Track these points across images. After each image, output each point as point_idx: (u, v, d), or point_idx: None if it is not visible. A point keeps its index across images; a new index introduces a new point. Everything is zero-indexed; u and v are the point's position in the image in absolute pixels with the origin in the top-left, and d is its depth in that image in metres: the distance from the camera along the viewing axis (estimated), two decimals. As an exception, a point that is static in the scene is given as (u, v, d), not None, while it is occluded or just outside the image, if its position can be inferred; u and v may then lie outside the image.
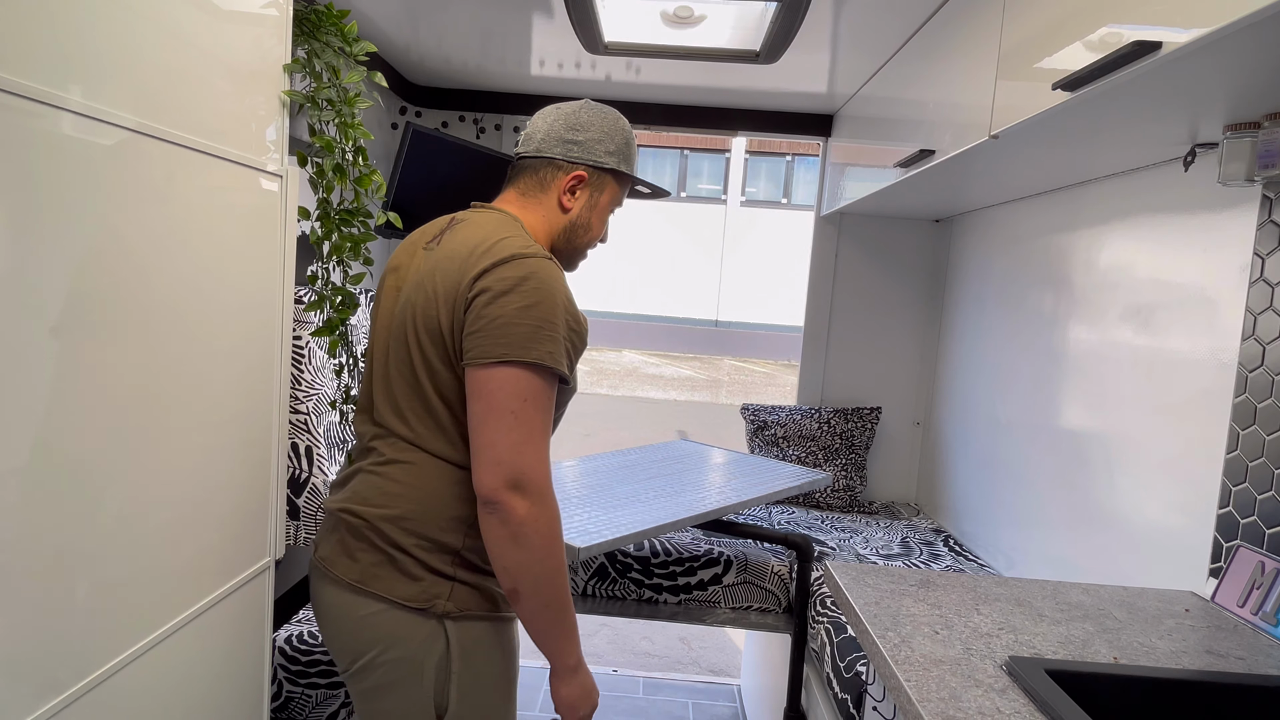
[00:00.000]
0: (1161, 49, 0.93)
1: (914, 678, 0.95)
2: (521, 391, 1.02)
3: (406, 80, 2.62)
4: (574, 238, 1.23)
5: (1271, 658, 1.08)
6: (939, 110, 1.66)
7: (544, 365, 1.03)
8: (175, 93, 1.00)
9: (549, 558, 1.03)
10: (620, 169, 1.23)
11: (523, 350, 1.02)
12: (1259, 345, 1.25)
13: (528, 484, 1.01)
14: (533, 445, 1.02)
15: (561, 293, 1.06)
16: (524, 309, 1.03)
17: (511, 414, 1.01)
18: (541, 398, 1.03)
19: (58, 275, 0.83)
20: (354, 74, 1.25)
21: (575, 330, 1.09)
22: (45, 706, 0.85)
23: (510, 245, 1.07)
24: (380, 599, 1.08)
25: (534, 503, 1.01)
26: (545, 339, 1.03)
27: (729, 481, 2.06)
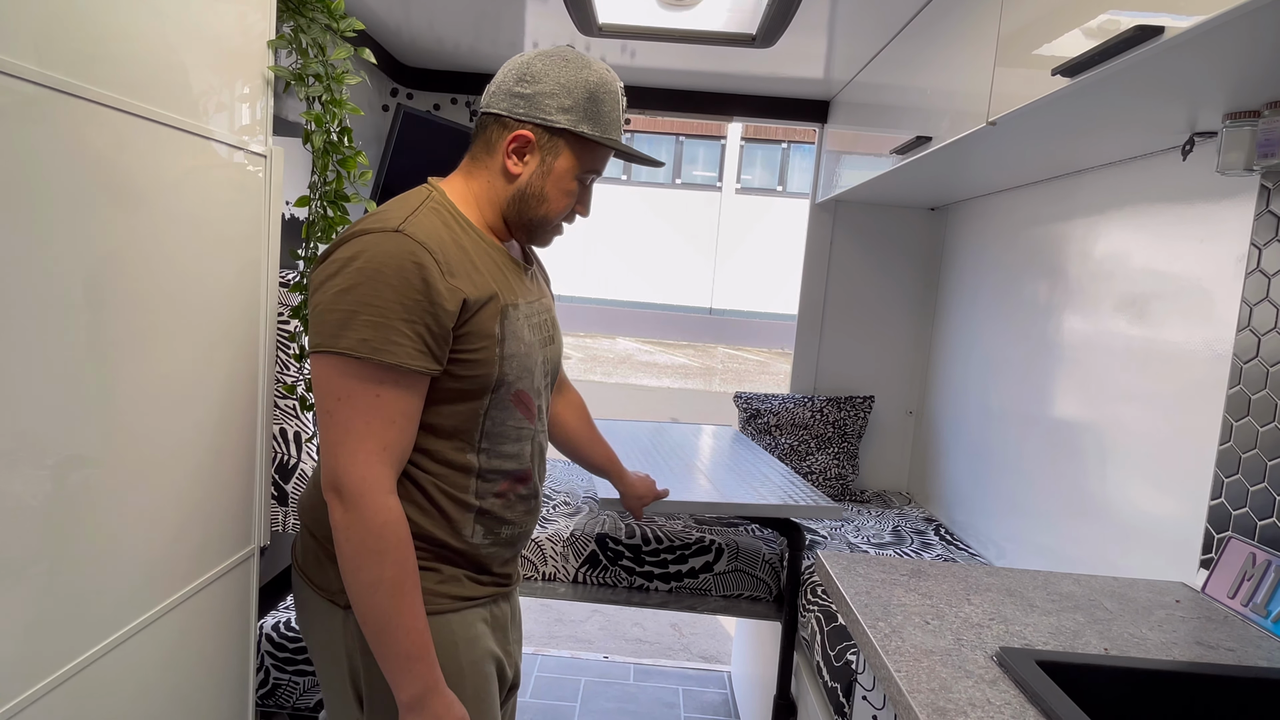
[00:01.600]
0: (1164, 34, 0.91)
1: (904, 668, 0.95)
2: (334, 389, 0.93)
3: (398, 61, 2.58)
4: (525, 209, 1.07)
5: (1261, 649, 1.08)
6: (936, 97, 1.65)
7: (356, 356, 0.91)
8: (155, 69, 0.97)
9: (359, 570, 0.94)
10: (579, 130, 1.04)
11: (332, 339, 0.92)
12: (1254, 336, 1.25)
13: (342, 488, 0.93)
14: (347, 447, 0.93)
15: (401, 270, 0.92)
16: (341, 293, 0.92)
17: (328, 414, 0.94)
18: (362, 394, 0.92)
19: (31, 257, 0.81)
20: (341, 50, 1.22)
21: (433, 313, 0.94)
22: (24, 694, 0.84)
23: (364, 222, 0.98)
24: (307, 583, 1.08)
25: (348, 509, 0.93)
26: (361, 325, 0.91)
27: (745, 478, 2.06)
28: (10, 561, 0.81)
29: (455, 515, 1.05)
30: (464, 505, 1.05)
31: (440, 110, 2.69)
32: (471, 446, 1.04)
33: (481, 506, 1.07)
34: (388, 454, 0.95)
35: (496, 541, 1.10)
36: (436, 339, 0.95)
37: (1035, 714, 0.86)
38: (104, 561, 0.95)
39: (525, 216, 1.08)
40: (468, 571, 1.08)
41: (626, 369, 12.19)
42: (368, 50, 1.29)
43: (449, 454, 1.03)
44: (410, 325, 0.93)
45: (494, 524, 1.09)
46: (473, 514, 1.06)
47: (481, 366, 1.00)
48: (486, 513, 1.08)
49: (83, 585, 0.92)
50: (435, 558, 1.05)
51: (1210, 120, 1.28)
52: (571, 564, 2.03)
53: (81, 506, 0.91)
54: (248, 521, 1.29)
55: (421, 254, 0.94)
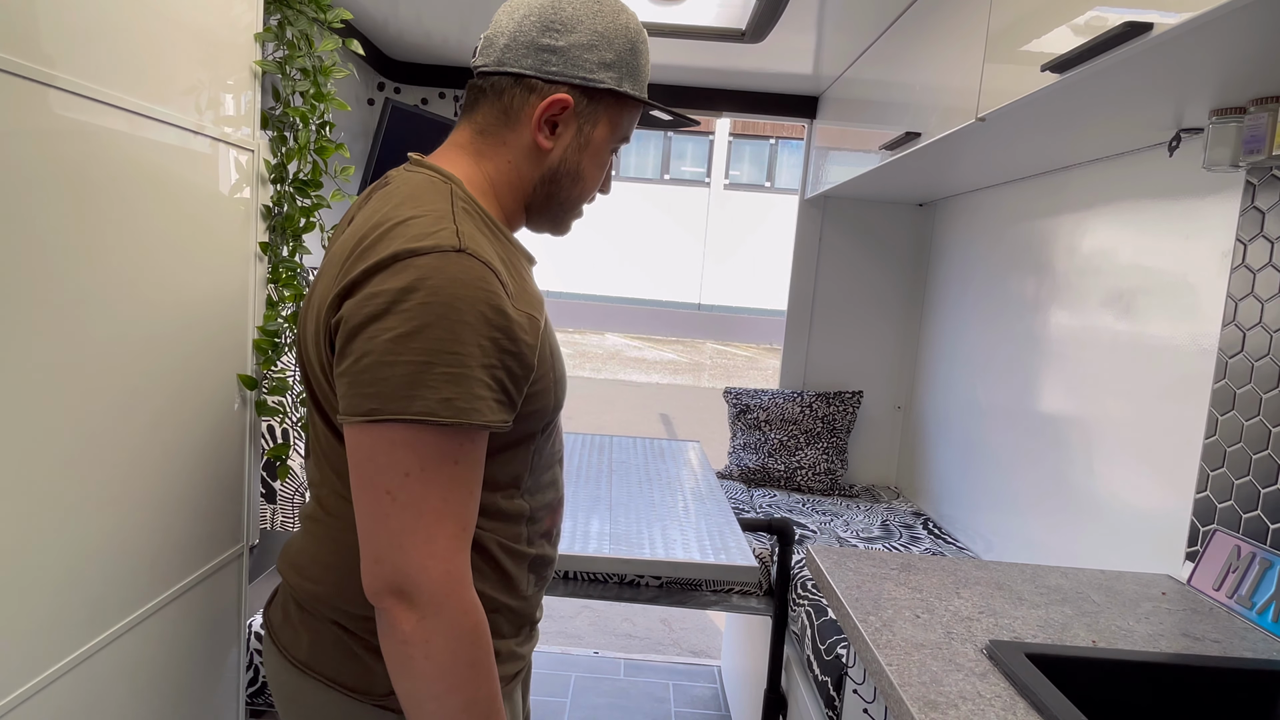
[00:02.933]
0: (1153, 30, 0.92)
1: (896, 661, 0.95)
2: (401, 463, 0.71)
3: (385, 55, 2.56)
4: (557, 190, 0.88)
5: (1247, 641, 1.09)
6: (925, 93, 1.65)
7: (438, 422, 0.70)
8: (140, 62, 0.96)
9: (448, 695, 0.73)
10: (623, 89, 0.85)
11: (399, 402, 0.70)
12: (1239, 331, 1.26)
13: (415, 590, 0.71)
14: (422, 536, 0.71)
15: (474, 303, 0.72)
16: (402, 338, 0.70)
17: (388, 495, 0.71)
18: (439, 467, 0.72)
19: (12, 252, 0.79)
20: (328, 42, 1.21)
21: (514, 352, 0.75)
22: (15, 692, 0.83)
23: (400, 235, 0.74)
24: (330, 685, 0.84)
25: (425, 615, 0.71)
26: (438, 380, 0.70)
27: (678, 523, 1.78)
28: (0, 560, 0.80)
29: (513, 570, 0.87)
30: (519, 556, 0.88)
31: (428, 104, 2.67)
32: (520, 489, 0.86)
33: (534, 554, 0.90)
34: (466, 537, 0.75)
35: (540, 585, 0.94)
36: (517, 383, 0.77)
37: (1025, 706, 0.87)
38: (93, 560, 0.94)
39: (555, 200, 0.89)
40: (515, 638, 0.91)
41: (615, 365, 12.19)
42: (355, 41, 1.28)
43: (501, 503, 0.84)
44: (490, 372, 0.73)
45: (543, 567, 0.93)
46: (526, 563, 0.89)
47: (542, 398, 0.83)
48: (539, 558, 0.91)
49: (72, 583, 0.91)
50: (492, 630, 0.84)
51: (1197, 117, 1.29)
52: (562, 560, 2.02)
53: (71, 505, 0.90)
54: (237, 520, 1.28)
55: (491, 280, 0.74)
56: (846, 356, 2.79)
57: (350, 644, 0.84)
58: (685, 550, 1.58)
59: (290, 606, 0.88)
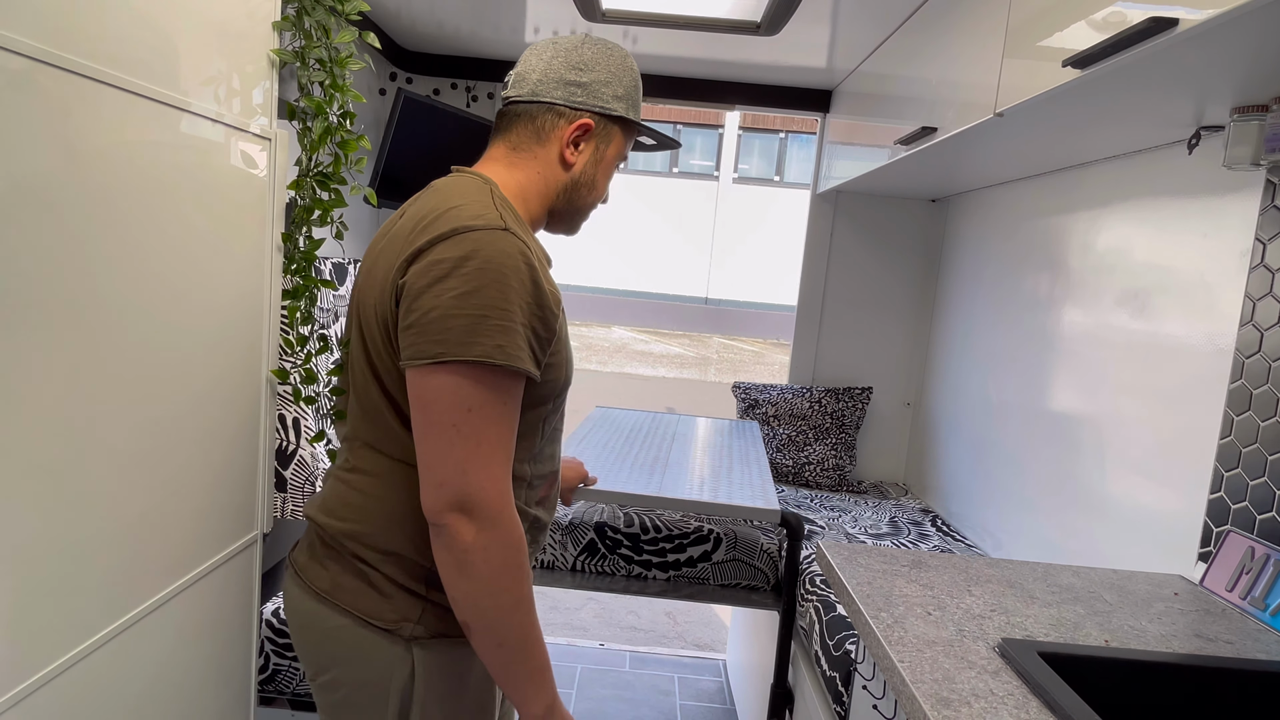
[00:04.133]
0: (1178, 26, 0.91)
1: (908, 659, 0.95)
2: (464, 399, 0.86)
3: (398, 45, 2.56)
4: (576, 198, 1.07)
5: (1259, 642, 1.09)
6: (942, 87, 1.64)
7: (492, 364, 0.86)
8: (159, 49, 0.96)
9: (502, 591, 0.88)
10: (629, 117, 1.07)
11: (462, 347, 0.85)
12: (1257, 331, 1.25)
13: (475, 506, 0.86)
14: (481, 462, 0.87)
15: (517, 271, 0.88)
16: (463, 296, 0.86)
17: (453, 427, 0.86)
18: (493, 404, 0.87)
19: (27, 241, 0.80)
20: (345, 33, 1.21)
21: (541, 316, 0.91)
22: (29, 680, 0.84)
23: (456, 216, 0.90)
24: (347, 613, 0.97)
25: (483, 527, 0.86)
26: (492, 330, 0.86)
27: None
28: (14, 548, 0.81)
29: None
30: (525, 515, 1.01)
31: (440, 95, 2.67)
32: (529, 455, 1.01)
33: (534, 515, 1.03)
34: (510, 466, 0.91)
35: (535, 548, 1.07)
36: (542, 344, 0.93)
37: (1038, 705, 0.86)
38: (108, 547, 0.95)
39: (575, 204, 1.08)
40: None
41: (622, 358, 12.18)
42: (373, 35, 1.27)
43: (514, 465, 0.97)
44: (527, 329, 0.89)
45: (538, 533, 1.06)
46: (527, 523, 1.02)
47: (555, 370, 0.98)
48: (536, 521, 1.04)
49: (86, 572, 0.92)
50: None
51: (1218, 114, 1.27)
52: (570, 552, 2.03)
53: (84, 494, 0.90)
54: (250, 508, 1.29)
55: (529, 254, 0.90)
56: (856, 352, 2.78)
57: (370, 576, 0.97)
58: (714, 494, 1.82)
59: (316, 545, 1.01)
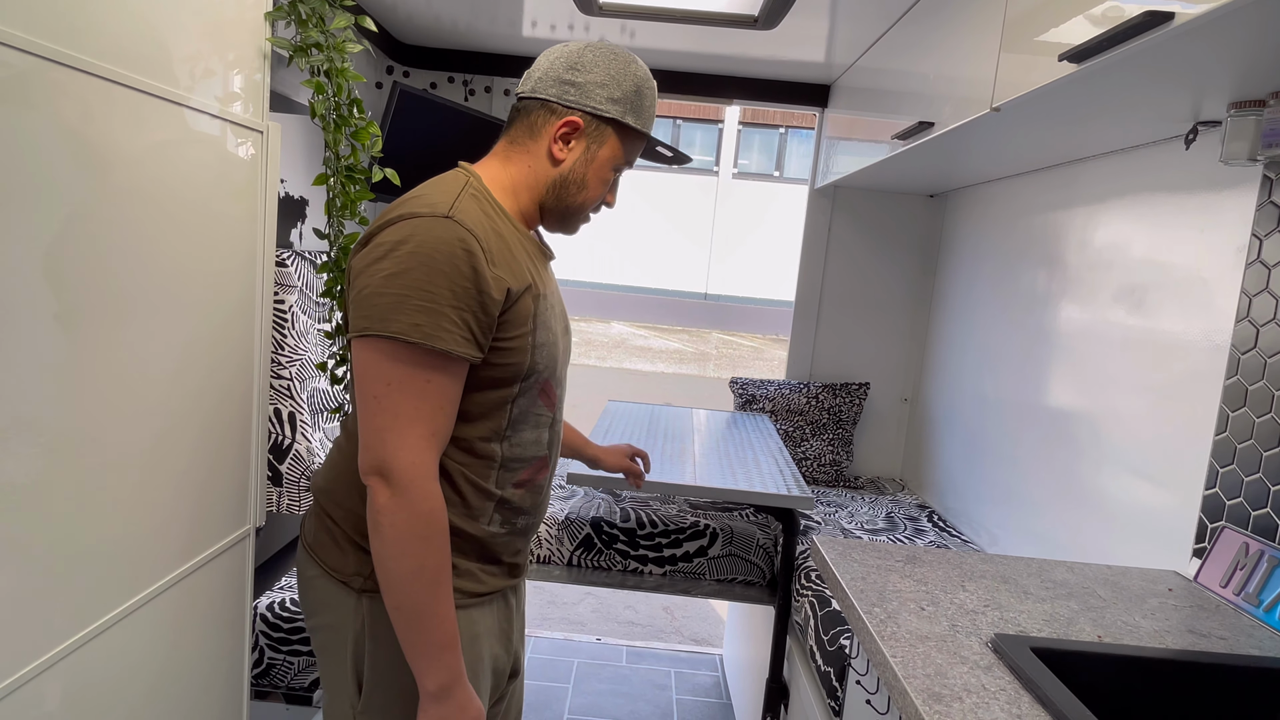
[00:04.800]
0: (1174, 20, 0.90)
1: (900, 654, 0.95)
2: (383, 373, 0.92)
3: (394, 39, 2.55)
4: (564, 195, 1.09)
5: (1253, 638, 1.09)
6: (939, 82, 1.63)
7: (408, 341, 0.90)
8: (149, 40, 0.95)
9: (403, 556, 0.93)
10: (625, 120, 1.07)
11: (382, 323, 0.90)
12: (1253, 327, 1.25)
13: (390, 472, 0.92)
14: (397, 433, 0.92)
15: (451, 257, 0.92)
16: (391, 277, 0.91)
17: (374, 398, 0.92)
18: (411, 379, 0.92)
19: (18, 236, 0.79)
20: (341, 18, 1.20)
21: (480, 301, 0.94)
22: (20, 672, 0.84)
23: (409, 205, 0.96)
24: (317, 564, 1.06)
25: (395, 493, 0.92)
26: (412, 310, 0.90)
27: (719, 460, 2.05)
28: (6, 540, 0.81)
29: (476, 503, 1.04)
30: (485, 494, 1.05)
31: (437, 88, 2.66)
32: (497, 435, 1.04)
33: (502, 496, 1.06)
34: (435, 440, 0.95)
35: (512, 531, 1.10)
36: (482, 327, 0.96)
37: (1030, 700, 0.86)
38: (100, 540, 0.95)
39: (563, 203, 1.09)
40: (481, 565, 1.08)
41: (621, 353, 12.18)
42: (368, 18, 1.27)
43: (475, 443, 1.02)
44: (459, 312, 0.93)
45: (512, 514, 1.09)
46: (493, 503, 1.06)
47: (515, 355, 1.01)
48: (506, 502, 1.07)
49: (78, 564, 0.92)
50: (453, 549, 1.04)
51: (1215, 109, 1.27)
52: (566, 547, 2.03)
53: (77, 486, 0.90)
54: (243, 502, 1.28)
55: (470, 241, 0.94)
56: (854, 348, 2.78)
57: (332, 529, 1.06)
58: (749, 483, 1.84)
59: (312, 503, 1.12)
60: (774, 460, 2.06)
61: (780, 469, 1.99)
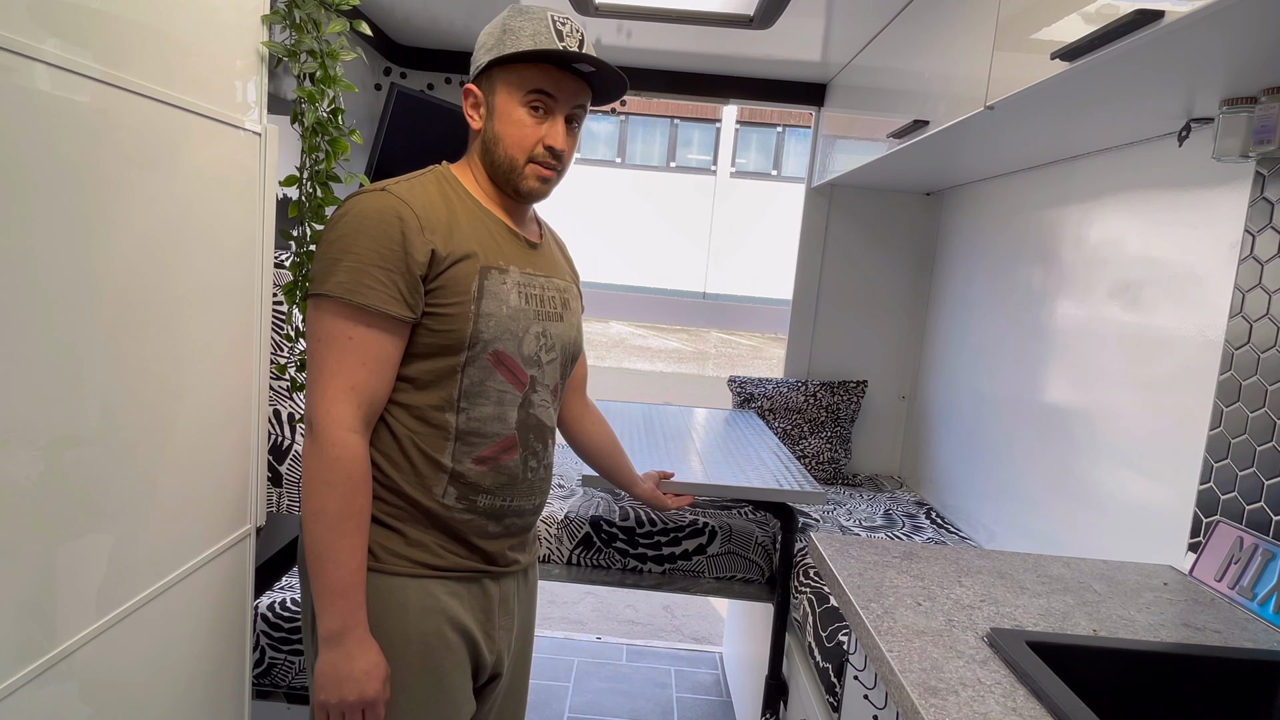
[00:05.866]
0: (1164, 18, 0.91)
1: (897, 648, 0.96)
2: (316, 329, 1.00)
3: (391, 40, 2.55)
4: (492, 158, 1.11)
5: (1247, 631, 1.09)
6: (934, 81, 1.64)
7: (333, 297, 0.98)
8: (147, 43, 0.96)
9: (310, 498, 0.99)
10: (493, 56, 1.07)
11: (317, 283, 0.99)
12: (1246, 322, 1.26)
13: (310, 422, 0.99)
14: (319, 385, 0.99)
15: (381, 222, 0.99)
16: (328, 243, 1.00)
17: (310, 354, 1.01)
18: (337, 335, 0.99)
19: (20, 236, 0.80)
20: (336, 23, 1.21)
21: (407, 263, 1.00)
22: (21, 673, 0.84)
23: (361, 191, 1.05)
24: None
25: (311, 440, 0.99)
26: (341, 270, 0.98)
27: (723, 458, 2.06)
28: (6, 542, 0.81)
29: (427, 472, 1.06)
30: (437, 465, 1.06)
31: (434, 90, 2.66)
32: (449, 405, 1.06)
33: (456, 469, 1.07)
34: (354, 394, 1.00)
35: (472, 509, 1.09)
36: (409, 287, 1.01)
37: (1025, 693, 0.87)
38: (101, 541, 0.95)
39: (496, 167, 1.11)
40: (439, 539, 1.08)
41: (620, 353, 12.18)
42: (364, 23, 1.27)
43: (427, 411, 1.05)
44: (385, 272, 0.99)
45: (469, 490, 1.08)
46: (446, 475, 1.07)
47: (455, 321, 1.04)
48: (461, 476, 1.07)
49: (79, 565, 0.92)
50: (406, 518, 1.07)
51: (1207, 106, 1.28)
52: (566, 546, 2.03)
53: (78, 487, 0.90)
54: (244, 502, 1.29)
55: (402, 208, 1.01)
56: (851, 346, 2.78)
57: None
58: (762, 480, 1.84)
59: None
60: (776, 457, 2.07)
61: (785, 465, 1.99)
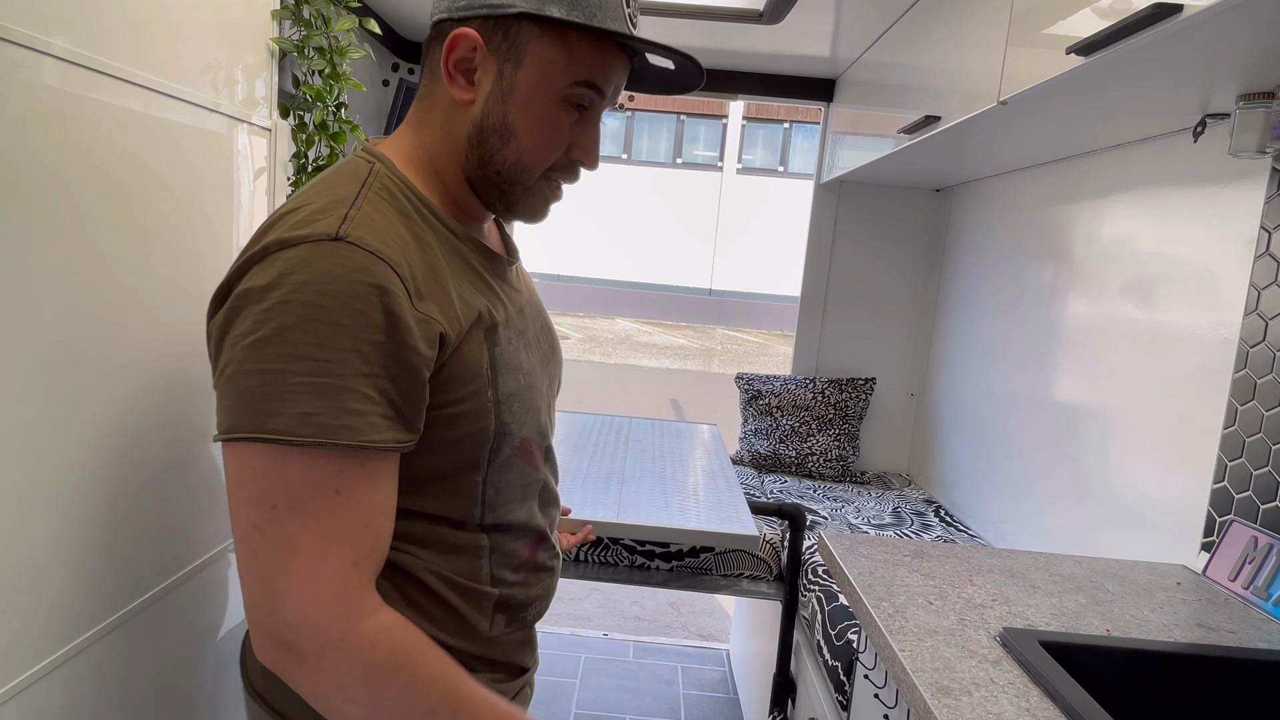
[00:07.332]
0: (1182, 11, 0.90)
1: (908, 648, 0.95)
2: (267, 492, 0.60)
3: (399, 36, 2.55)
4: (486, 155, 0.72)
5: (1262, 632, 1.09)
6: (946, 76, 1.63)
7: (296, 442, 0.59)
8: (158, 39, 0.96)
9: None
10: (546, 12, 0.67)
11: (253, 418, 0.59)
12: (1261, 320, 1.24)
13: (299, 641, 0.61)
14: (297, 579, 0.60)
15: (350, 298, 0.60)
16: (259, 343, 0.59)
17: (255, 528, 0.61)
18: (312, 496, 0.60)
19: (31, 232, 0.80)
20: (345, 20, 1.20)
21: (400, 359, 0.62)
22: (22, 676, 0.84)
23: (280, 227, 0.64)
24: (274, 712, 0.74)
25: (319, 667, 0.61)
26: (297, 393, 0.59)
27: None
28: (8, 547, 0.81)
29: (469, 611, 0.76)
30: (479, 595, 0.77)
31: (442, 86, 2.66)
32: (472, 521, 0.75)
33: (498, 594, 0.78)
34: (366, 565, 0.63)
35: (521, 627, 0.83)
36: (409, 398, 0.64)
37: (1038, 693, 0.87)
38: (100, 545, 0.95)
39: (490, 167, 0.72)
40: (489, 677, 0.80)
41: (625, 350, 12.19)
42: (372, 20, 1.27)
43: (450, 536, 0.74)
44: (372, 382, 0.61)
45: (518, 609, 0.81)
46: (491, 603, 0.78)
47: (470, 421, 0.70)
48: (509, 598, 0.80)
49: (80, 568, 0.92)
50: None
51: (1223, 101, 1.26)
52: (573, 542, 2.03)
53: (77, 491, 0.90)
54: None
55: (379, 270, 0.62)
56: (860, 343, 2.78)
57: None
58: (685, 519, 1.62)
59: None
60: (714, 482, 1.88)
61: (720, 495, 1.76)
